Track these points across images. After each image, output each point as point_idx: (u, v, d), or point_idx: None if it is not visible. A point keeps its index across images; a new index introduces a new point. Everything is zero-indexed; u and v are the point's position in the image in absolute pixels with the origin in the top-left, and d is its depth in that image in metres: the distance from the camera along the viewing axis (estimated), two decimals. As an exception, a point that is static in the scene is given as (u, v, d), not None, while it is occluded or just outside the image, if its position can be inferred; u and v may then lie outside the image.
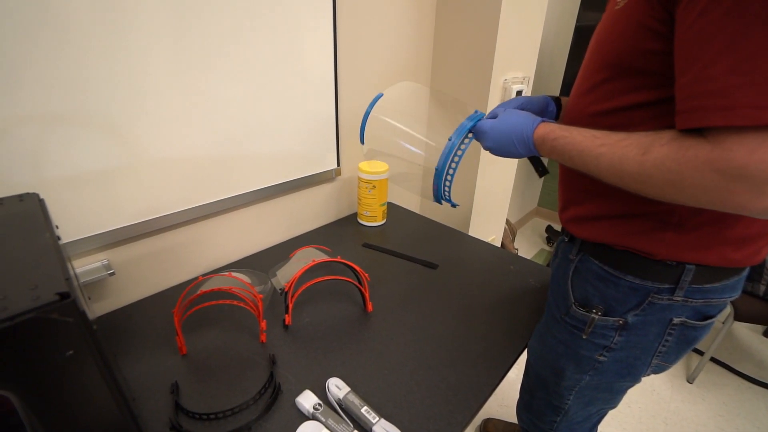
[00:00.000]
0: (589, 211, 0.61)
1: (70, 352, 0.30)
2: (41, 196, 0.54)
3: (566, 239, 0.69)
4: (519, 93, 1.27)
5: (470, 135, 0.66)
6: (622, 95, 0.51)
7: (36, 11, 0.57)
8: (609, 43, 0.51)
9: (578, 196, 0.63)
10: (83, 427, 0.34)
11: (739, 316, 1.44)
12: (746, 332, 1.90)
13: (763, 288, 1.44)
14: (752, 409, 1.49)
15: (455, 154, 0.65)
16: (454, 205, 0.74)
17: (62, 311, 0.29)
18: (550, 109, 0.73)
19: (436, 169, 0.66)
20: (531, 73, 1.38)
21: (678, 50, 0.41)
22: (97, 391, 0.34)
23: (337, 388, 0.61)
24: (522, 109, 0.68)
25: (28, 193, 0.50)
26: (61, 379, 0.31)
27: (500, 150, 0.62)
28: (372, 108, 0.78)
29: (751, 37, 0.35)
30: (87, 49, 0.63)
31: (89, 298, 0.63)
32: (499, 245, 1.77)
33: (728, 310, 1.46)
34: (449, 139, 0.65)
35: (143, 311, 0.80)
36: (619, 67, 0.50)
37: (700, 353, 1.61)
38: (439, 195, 0.69)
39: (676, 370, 1.65)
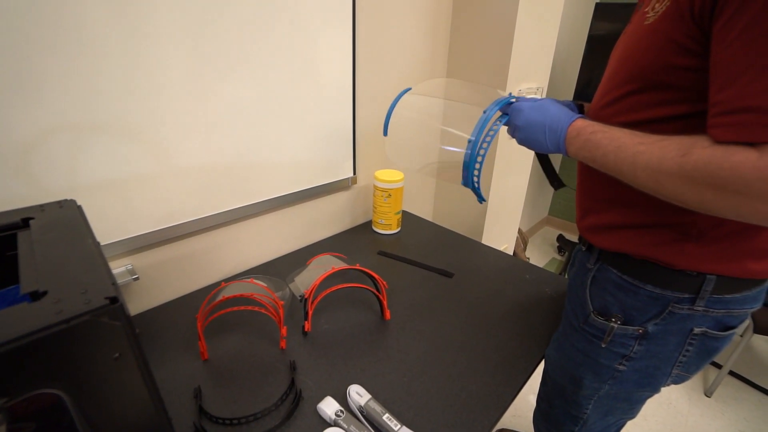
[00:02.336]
0: (609, 220, 0.61)
1: (117, 354, 0.32)
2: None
3: (584, 248, 0.69)
4: (533, 103, 1.28)
5: (502, 116, 0.62)
6: (648, 109, 0.51)
7: (65, 27, 0.59)
8: (636, 57, 0.51)
9: (598, 204, 0.63)
10: (124, 426, 0.35)
11: (758, 329, 1.42)
12: (766, 345, 1.86)
13: (783, 300, 1.41)
14: (774, 425, 1.46)
15: (491, 128, 0.61)
16: (481, 200, 0.70)
17: (111, 315, 0.30)
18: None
19: (469, 141, 0.61)
20: (545, 84, 1.39)
21: (716, 66, 0.41)
22: (137, 393, 0.35)
23: (358, 395, 0.61)
24: None
25: (66, 200, 0.51)
26: (107, 380, 0.32)
27: (528, 134, 0.59)
28: (398, 100, 0.77)
29: None
30: (113, 61, 0.65)
31: (118, 303, 0.65)
32: (511, 254, 1.76)
33: (747, 322, 1.44)
34: (484, 112, 0.61)
35: (165, 316, 0.81)
36: (646, 81, 0.50)
37: (718, 366, 1.58)
38: (470, 176, 0.64)
39: (694, 383, 1.62)
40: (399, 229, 1.20)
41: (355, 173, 1.14)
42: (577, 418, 0.75)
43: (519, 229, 1.98)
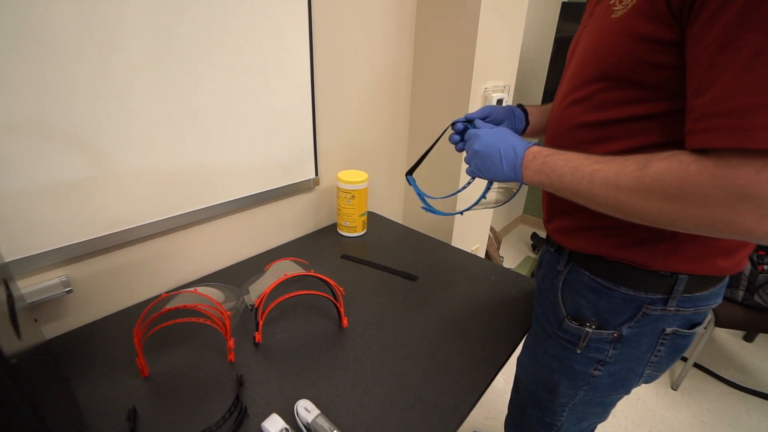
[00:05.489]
0: (580, 221, 0.59)
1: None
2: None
3: (552, 249, 0.68)
4: (500, 101, 1.27)
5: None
6: (619, 107, 0.49)
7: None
8: (605, 53, 0.49)
9: (567, 205, 0.61)
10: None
11: (719, 322, 1.45)
12: (727, 337, 1.92)
13: (741, 294, 1.45)
14: (735, 415, 1.50)
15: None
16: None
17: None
18: (517, 114, 0.73)
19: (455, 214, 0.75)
20: (512, 82, 1.39)
21: (693, 69, 0.39)
22: None
23: (306, 411, 0.58)
24: (484, 118, 0.67)
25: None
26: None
27: (484, 159, 0.58)
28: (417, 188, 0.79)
29: None
30: (52, 54, 0.60)
31: (35, 320, 0.59)
32: (483, 253, 1.75)
33: (709, 315, 1.47)
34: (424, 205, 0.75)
35: (106, 330, 0.75)
36: (617, 79, 0.48)
37: (684, 359, 1.62)
38: (480, 197, 0.71)
39: (661, 377, 1.65)
40: (365, 231, 1.17)
41: (317, 174, 1.10)
42: (551, 425, 0.73)
43: (492, 228, 1.98)
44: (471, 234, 1.57)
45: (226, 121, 0.86)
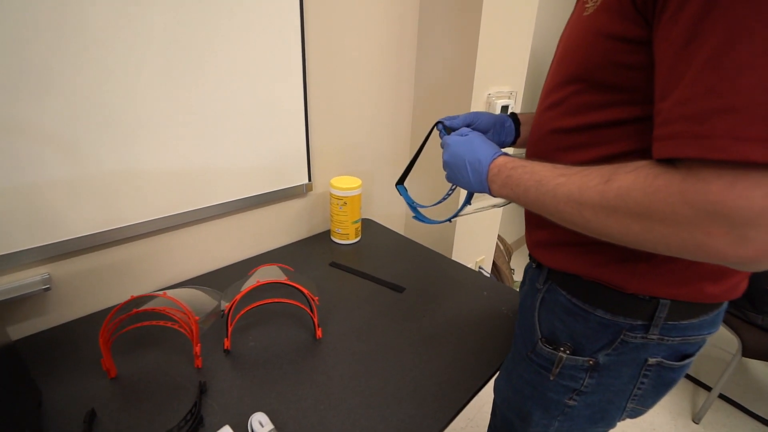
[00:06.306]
0: (555, 235, 0.54)
1: None
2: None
3: (534, 265, 0.63)
4: (504, 108, 1.22)
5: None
6: (593, 111, 0.45)
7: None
8: (578, 54, 0.46)
9: (542, 217, 0.57)
10: None
11: (747, 352, 1.32)
12: (761, 368, 1.75)
13: (774, 321, 1.32)
14: (766, 456, 1.36)
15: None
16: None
17: None
18: (507, 125, 0.69)
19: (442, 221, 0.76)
20: (520, 88, 1.33)
21: (659, 69, 0.36)
22: None
23: (260, 425, 0.55)
24: (468, 125, 0.64)
25: None
26: None
27: (453, 170, 0.58)
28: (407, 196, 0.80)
29: (738, 47, 0.28)
30: (46, 51, 0.62)
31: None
32: (490, 265, 1.69)
33: (736, 343, 1.34)
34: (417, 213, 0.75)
35: (85, 329, 0.76)
36: (590, 80, 0.45)
37: (708, 389, 1.48)
38: (463, 204, 0.72)
39: (680, 407, 1.52)
40: (358, 239, 1.14)
41: (310, 180, 1.09)
42: None
43: (501, 239, 1.91)
44: (475, 244, 1.51)
45: (217, 123, 0.86)
